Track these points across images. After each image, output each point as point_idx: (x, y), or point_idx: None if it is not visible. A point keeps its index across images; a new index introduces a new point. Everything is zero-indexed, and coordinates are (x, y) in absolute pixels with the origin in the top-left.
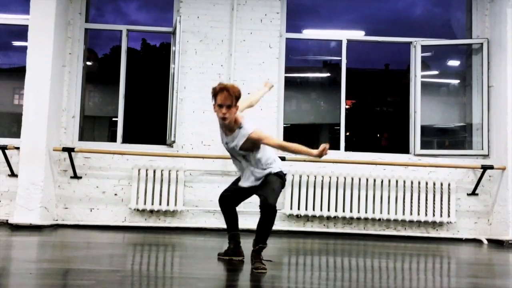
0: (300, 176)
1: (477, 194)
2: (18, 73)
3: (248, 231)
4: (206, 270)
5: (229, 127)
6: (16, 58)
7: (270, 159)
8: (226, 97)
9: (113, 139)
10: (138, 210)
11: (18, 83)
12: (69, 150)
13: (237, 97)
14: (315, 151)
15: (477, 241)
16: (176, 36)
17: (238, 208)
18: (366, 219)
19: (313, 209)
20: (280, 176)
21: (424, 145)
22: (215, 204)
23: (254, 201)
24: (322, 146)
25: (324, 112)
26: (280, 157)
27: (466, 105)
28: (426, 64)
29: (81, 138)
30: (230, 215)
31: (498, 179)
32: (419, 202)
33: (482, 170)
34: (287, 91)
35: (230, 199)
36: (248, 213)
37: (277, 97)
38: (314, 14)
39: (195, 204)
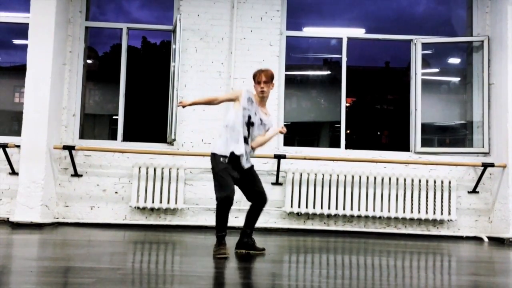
0: (301, 174)
1: (477, 192)
2: (18, 71)
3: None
4: (206, 268)
5: (263, 101)
6: (17, 56)
7: None
8: (264, 76)
9: (113, 137)
10: (138, 208)
11: (19, 81)
12: (70, 148)
13: (272, 77)
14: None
15: (477, 239)
16: (176, 34)
17: (238, 206)
18: (366, 217)
19: (314, 207)
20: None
21: (424, 143)
22: (215, 202)
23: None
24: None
25: (324, 110)
26: (280, 155)
27: (466, 102)
28: (426, 61)
29: (82, 136)
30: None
31: (498, 177)
32: (419, 200)
33: (482, 168)
34: (287, 89)
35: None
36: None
37: (277, 95)
38: (315, 12)
39: (196, 202)
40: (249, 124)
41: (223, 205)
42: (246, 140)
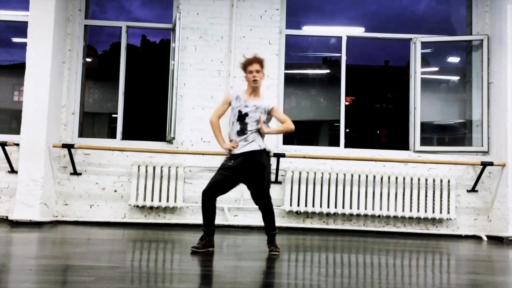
0: (300, 173)
1: (476, 191)
2: (18, 69)
3: (247, 228)
4: (206, 267)
5: (255, 90)
6: (16, 54)
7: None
8: (255, 64)
9: (112, 135)
10: (137, 206)
11: (18, 80)
12: (69, 147)
13: (263, 64)
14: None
15: (476, 238)
16: (175, 32)
17: (238, 205)
18: (365, 215)
19: (313, 206)
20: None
21: (424, 142)
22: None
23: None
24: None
25: (323, 108)
26: (280, 154)
27: (466, 101)
28: (426, 60)
29: (81, 134)
30: (213, 209)
31: (497, 176)
32: (418, 199)
33: (481, 166)
34: (286, 88)
35: (218, 190)
36: (247, 210)
37: (277, 93)
38: (314, 10)
39: (195, 201)
40: (241, 117)
41: (202, 200)
42: (243, 132)
